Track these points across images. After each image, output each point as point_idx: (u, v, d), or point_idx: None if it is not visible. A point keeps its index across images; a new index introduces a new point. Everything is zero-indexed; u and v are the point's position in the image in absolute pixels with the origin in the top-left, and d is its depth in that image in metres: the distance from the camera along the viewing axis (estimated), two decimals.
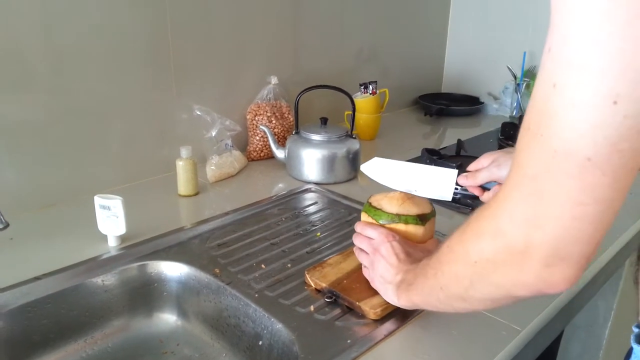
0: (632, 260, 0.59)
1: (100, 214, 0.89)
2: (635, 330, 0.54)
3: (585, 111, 0.37)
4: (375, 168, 0.88)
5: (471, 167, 0.85)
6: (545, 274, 0.43)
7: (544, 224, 0.42)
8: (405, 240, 0.76)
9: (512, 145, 1.44)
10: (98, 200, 0.88)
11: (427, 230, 0.80)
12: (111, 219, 0.88)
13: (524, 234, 0.43)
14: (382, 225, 0.78)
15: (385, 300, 0.74)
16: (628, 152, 0.38)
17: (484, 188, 0.83)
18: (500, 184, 0.82)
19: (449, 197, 0.83)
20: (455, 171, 0.84)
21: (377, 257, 0.74)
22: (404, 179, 0.85)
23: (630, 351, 0.55)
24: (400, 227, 0.77)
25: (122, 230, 0.89)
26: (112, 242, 0.90)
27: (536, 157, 0.41)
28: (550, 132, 0.39)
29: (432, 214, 0.81)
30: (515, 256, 0.45)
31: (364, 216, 0.82)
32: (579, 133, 0.38)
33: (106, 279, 0.85)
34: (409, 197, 0.80)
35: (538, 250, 0.43)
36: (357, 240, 0.80)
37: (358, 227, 0.81)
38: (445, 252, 0.57)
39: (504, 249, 0.46)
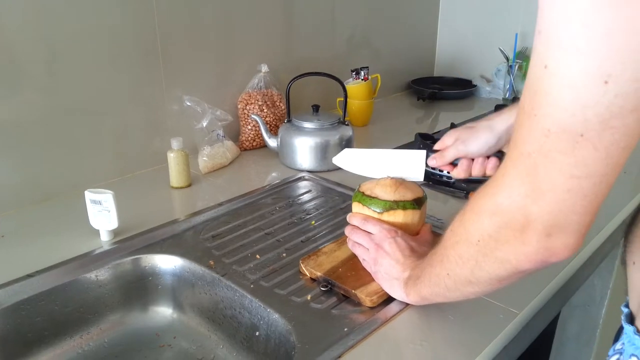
0: (619, 242, 0.59)
1: (91, 209, 0.88)
2: (625, 310, 0.55)
3: (576, 91, 0.38)
4: (346, 159, 0.89)
5: (437, 146, 0.86)
6: (547, 243, 0.45)
7: (540, 198, 0.43)
8: (407, 234, 0.76)
9: None
10: (89, 195, 0.87)
11: (422, 214, 0.80)
12: (103, 213, 0.87)
13: (523, 208, 0.44)
14: (380, 214, 0.78)
15: (381, 288, 0.74)
16: (620, 130, 0.38)
17: (453, 164, 0.84)
18: (468, 158, 0.82)
19: (420, 178, 0.85)
20: (424, 152, 0.86)
21: (380, 254, 0.74)
22: (376, 165, 0.86)
23: (621, 329, 0.55)
24: (399, 213, 0.77)
25: (114, 224, 0.88)
26: (105, 237, 0.89)
27: (531, 136, 0.42)
28: (543, 112, 0.40)
29: (425, 197, 0.81)
30: (516, 230, 0.46)
31: (356, 206, 0.81)
32: (570, 112, 0.39)
33: (100, 274, 0.84)
34: (400, 182, 0.80)
35: (537, 223, 0.44)
36: (355, 235, 0.79)
37: (355, 220, 0.80)
38: (448, 236, 0.58)
39: (504, 224, 0.47)
